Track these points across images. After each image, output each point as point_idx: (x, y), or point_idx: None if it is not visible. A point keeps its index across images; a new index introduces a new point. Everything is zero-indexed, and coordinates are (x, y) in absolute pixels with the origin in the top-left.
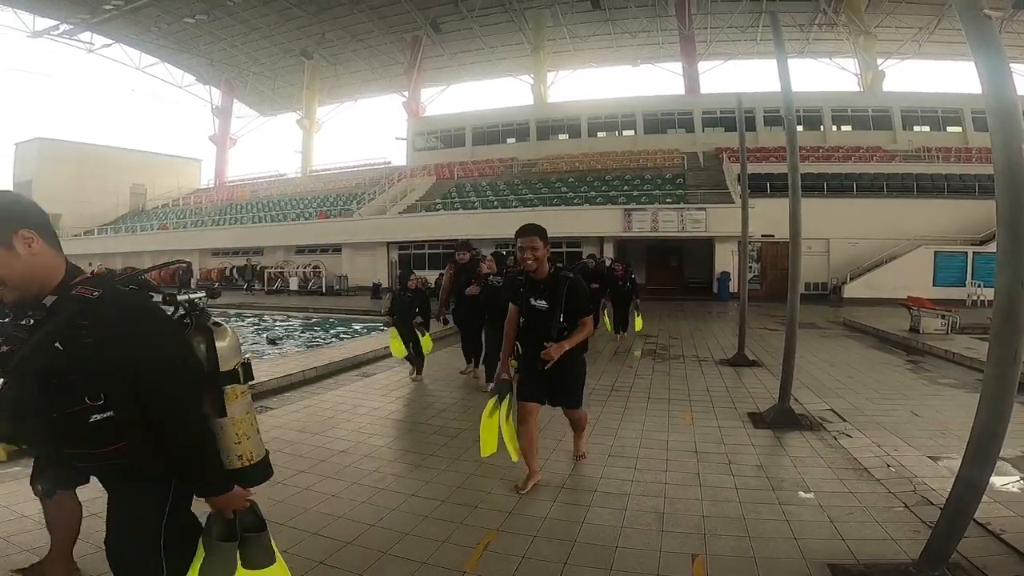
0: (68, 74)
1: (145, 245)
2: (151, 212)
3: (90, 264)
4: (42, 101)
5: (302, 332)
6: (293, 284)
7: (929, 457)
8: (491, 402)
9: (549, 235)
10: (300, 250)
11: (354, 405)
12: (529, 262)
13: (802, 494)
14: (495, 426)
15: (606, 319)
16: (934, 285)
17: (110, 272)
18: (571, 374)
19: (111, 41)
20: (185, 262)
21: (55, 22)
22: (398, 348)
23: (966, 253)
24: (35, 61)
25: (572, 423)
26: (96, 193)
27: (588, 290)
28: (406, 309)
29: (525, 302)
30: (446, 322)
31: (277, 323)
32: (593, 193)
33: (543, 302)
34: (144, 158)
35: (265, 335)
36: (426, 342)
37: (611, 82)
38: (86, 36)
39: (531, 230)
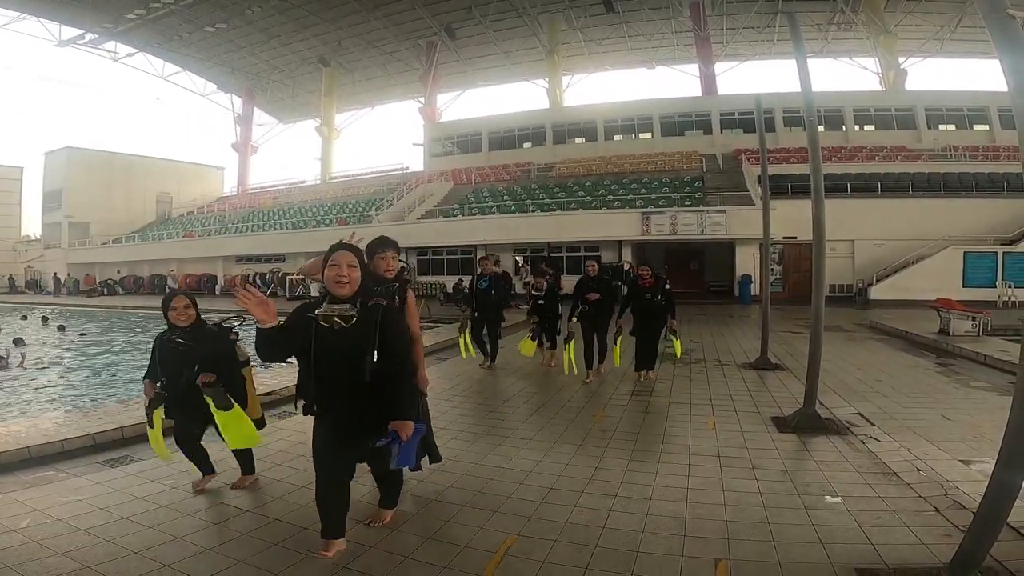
0: (95, 84)
1: (171, 253)
2: (177, 220)
3: (118, 271)
4: (69, 111)
5: None
6: (314, 290)
7: (960, 461)
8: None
9: (567, 239)
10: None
11: None
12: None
13: (829, 498)
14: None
15: (616, 351)
16: (964, 286)
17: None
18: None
19: (135, 50)
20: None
21: (80, 31)
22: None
23: (996, 253)
24: (63, 71)
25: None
26: (123, 201)
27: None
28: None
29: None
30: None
31: None
32: (610, 197)
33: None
34: (169, 166)
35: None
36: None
37: (627, 85)
38: (111, 45)
39: None
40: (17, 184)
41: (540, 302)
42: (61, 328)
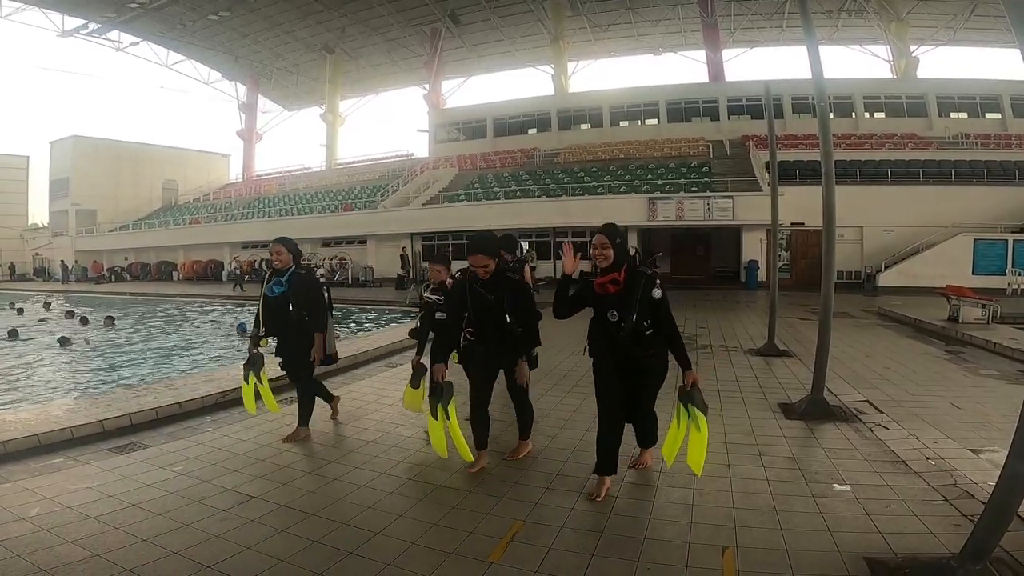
0: (99, 73)
1: (178, 239)
2: (183, 207)
3: (126, 258)
4: (75, 100)
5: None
6: (320, 276)
7: (970, 450)
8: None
9: (573, 224)
10: (327, 242)
11: (380, 396)
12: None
13: (837, 486)
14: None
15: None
16: (973, 273)
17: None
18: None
19: (138, 39)
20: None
21: (83, 21)
22: None
23: (1007, 240)
24: (67, 60)
25: None
26: (130, 189)
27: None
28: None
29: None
30: None
31: None
32: (616, 182)
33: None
34: (175, 154)
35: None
36: None
37: (633, 71)
38: (114, 35)
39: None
40: (24, 173)
41: (438, 314)
42: (84, 320)
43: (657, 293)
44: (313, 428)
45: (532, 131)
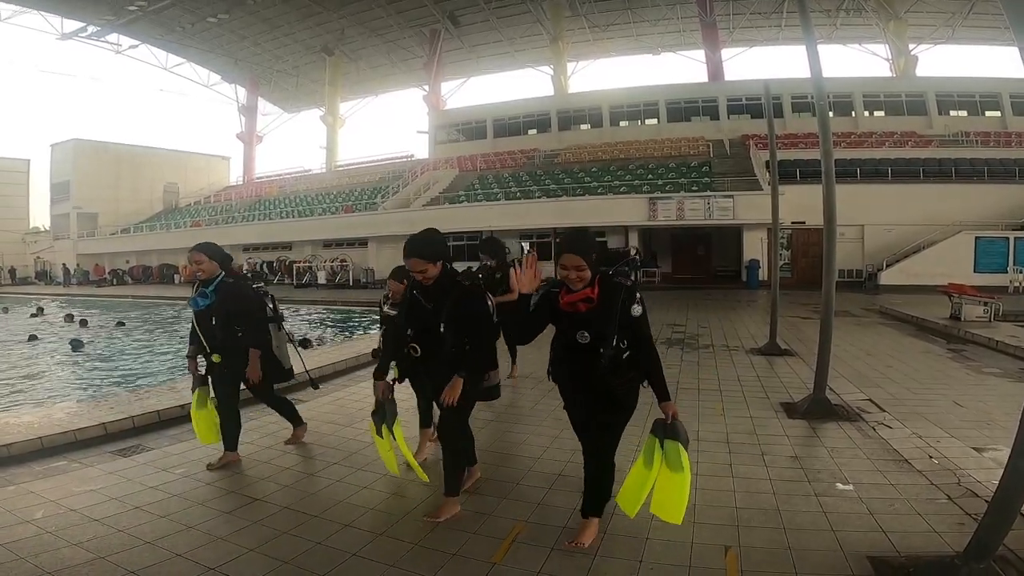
0: (99, 76)
1: (179, 242)
2: (184, 210)
3: (127, 261)
4: (74, 103)
5: (329, 325)
6: (321, 278)
7: (973, 448)
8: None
9: (574, 224)
10: (327, 244)
11: None
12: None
13: (840, 485)
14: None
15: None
16: (975, 271)
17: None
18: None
19: (137, 42)
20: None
21: (82, 24)
22: None
23: (1008, 238)
24: (66, 63)
25: None
26: (131, 192)
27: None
28: None
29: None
30: None
31: (299, 313)
32: (617, 182)
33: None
34: (176, 157)
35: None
36: None
37: (632, 71)
38: (113, 38)
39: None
40: (25, 176)
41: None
42: (84, 323)
43: (637, 310)
44: (315, 430)
45: (532, 132)
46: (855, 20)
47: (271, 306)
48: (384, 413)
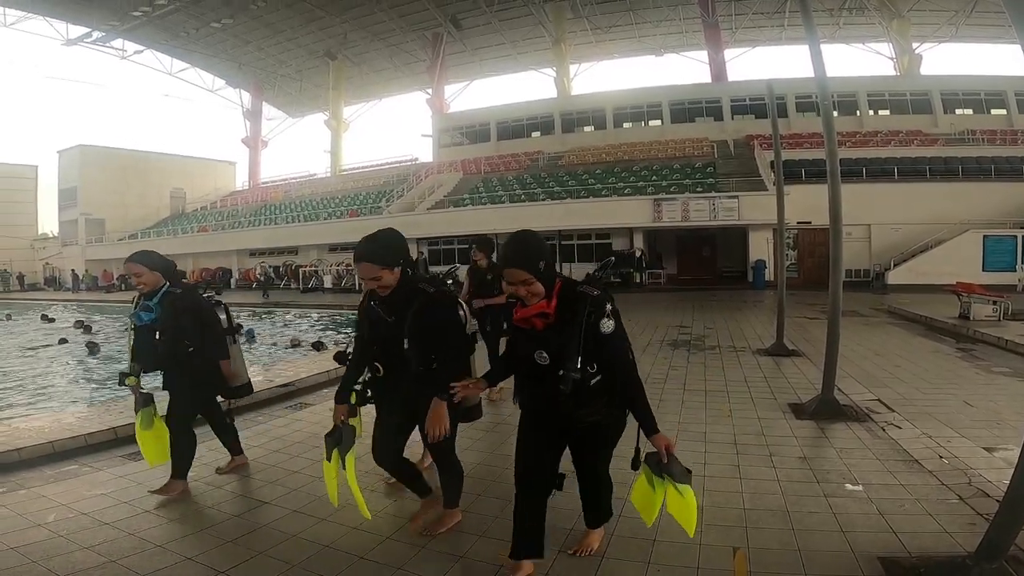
0: (104, 82)
1: (186, 247)
2: (190, 215)
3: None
4: (80, 109)
5: (337, 329)
6: (327, 282)
7: (984, 448)
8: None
9: (579, 227)
10: (333, 248)
11: None
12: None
13: (849, 486)
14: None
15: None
16: (983, 270)
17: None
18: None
19: (142, 47)
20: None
21: (87, 29)
22: None
23: (1016, 236)
24: (72, 69)
25: None
26: (138, 197)
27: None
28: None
29: None
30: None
31: (309, 317)
32: (621, 184)
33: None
34: (182, 162)
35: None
36: None
37: (635, 72)
38: (118, 43)
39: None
40: (33, 183)
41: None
42: (88, 329)
43: (608, 326)
44: (321, 434)
45: (536, 134)
46: (858, 19)
47: (225, 316)
48: (340, 438)
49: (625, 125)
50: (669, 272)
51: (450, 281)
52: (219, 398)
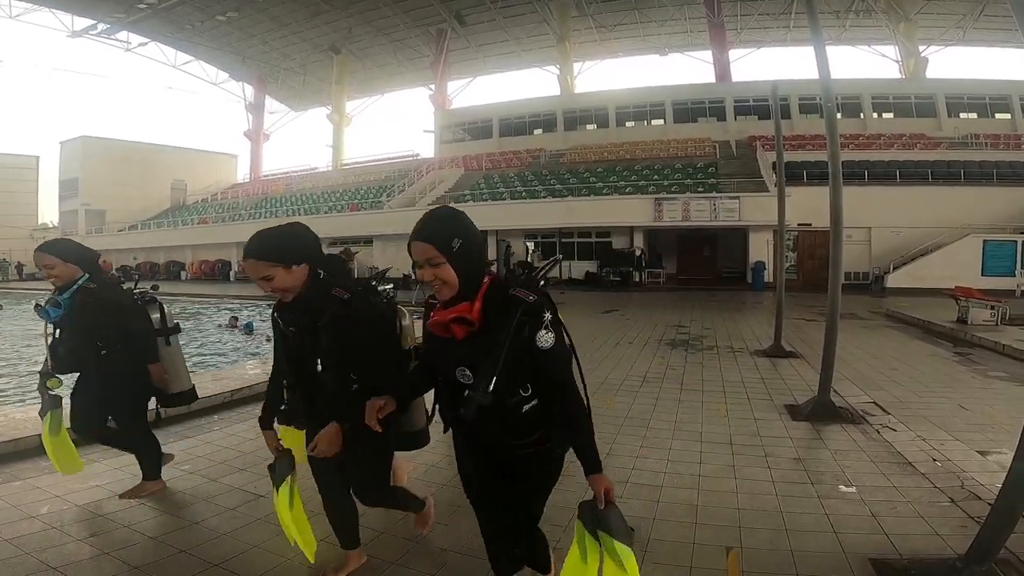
0: (108, 73)
1: (186, 239)
2: (191, 207)
3: (135, 258)
4: (83, 100)
5: None
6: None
7: (977, 451)
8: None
9: (579, 224)
10: (333, 242)
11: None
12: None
13: (843, 488)
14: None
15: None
16: (983, 275)
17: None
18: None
19: (147, 40)
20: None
21: (92, 21)
22: None
23: (1016, 242)
24: (77, 61)
25: None
26: (139, 189)
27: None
28: None
29: None
30: None
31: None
32: (623, 183)
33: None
34: (183, 154)
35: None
36: None
37: (639, 71)
38: (123, 35)
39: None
40: (34, 173)
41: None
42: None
43: (546, 339)
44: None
45: (538, 131)
46: (864, 21)
47: (159, 315)
48: (274, 469)
49: (628, 124)
50: (669, 272)
51: (389, 286)
52: (153, 405)
